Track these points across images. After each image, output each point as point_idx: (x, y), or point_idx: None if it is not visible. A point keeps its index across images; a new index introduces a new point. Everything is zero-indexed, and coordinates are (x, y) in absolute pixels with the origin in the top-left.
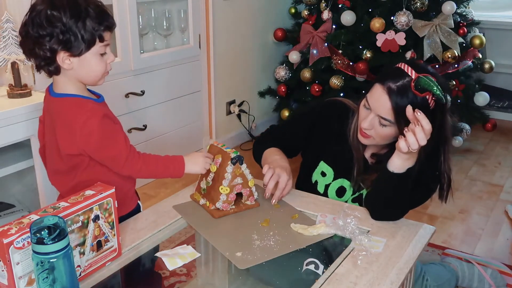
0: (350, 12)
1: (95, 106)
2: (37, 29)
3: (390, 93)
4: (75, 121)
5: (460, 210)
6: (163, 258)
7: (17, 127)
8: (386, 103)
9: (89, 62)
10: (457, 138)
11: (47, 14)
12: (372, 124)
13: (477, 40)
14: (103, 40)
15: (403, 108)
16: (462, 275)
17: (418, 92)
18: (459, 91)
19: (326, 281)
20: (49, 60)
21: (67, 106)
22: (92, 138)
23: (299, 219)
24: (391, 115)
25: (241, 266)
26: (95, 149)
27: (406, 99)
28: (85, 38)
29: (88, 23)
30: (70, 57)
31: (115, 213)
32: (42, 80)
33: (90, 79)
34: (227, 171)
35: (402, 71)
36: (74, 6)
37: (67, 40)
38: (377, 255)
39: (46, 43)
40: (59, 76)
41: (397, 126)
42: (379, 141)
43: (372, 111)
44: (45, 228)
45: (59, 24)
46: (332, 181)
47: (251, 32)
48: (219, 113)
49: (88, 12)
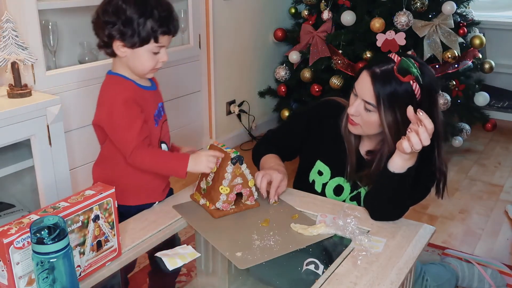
0: (350, 12)
1: (129, 88)
2: (105, 15)
3: (374, 77)
4: (105, 95)
5: (460, 210)
6: (163, 258)
7: (17, 127)
8: (370, 87)
9: (141, 56)
10: (457, 138)
11: (117, 5)
12: (358, 111)
13: (477, 40)
14: (157, 42)
15: (386, 93)
16: (462, 275)
17: (400, 75)
18: (459, 91)
19: (326, 281)
20: (107, 44)
21: (108, 82)
22: (113, 115)
23: (299, 219)
24: (374, 99)
25: (241, 266)
26: (111, 126)
27: (389, 85)
28: (141, 35)
29: (148, 23)
30: (124, 47)
31: (115, 213)
32: (42, 80)
33: (138, 70)
34: (227, 171)
35: (389, 58)
36: (142, 4)
37: (124, 32)
38: (377, 255)
39: (107, 29)
40: (116, 58)
41: (383, 112)
42: (365, 129)
43: (358, 96)
44: (45, 228)
45: (123, 16)
46: (329, 179)
47: (251, 32)
48: (219, 113)
49: (153, 13)
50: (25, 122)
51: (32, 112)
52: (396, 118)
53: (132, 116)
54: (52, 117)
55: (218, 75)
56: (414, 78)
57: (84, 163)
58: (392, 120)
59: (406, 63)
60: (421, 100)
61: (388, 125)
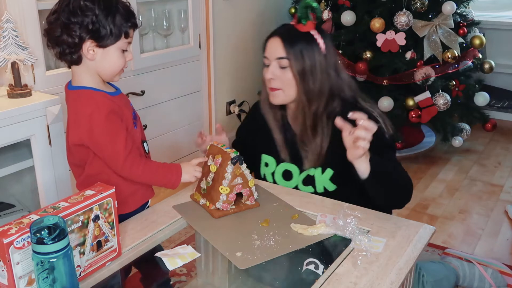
0: (350, 12)
1: (104, 100)
2: (68, 16)
3: (279, 34)
4: (82, 113)
5: (460, 210)
6: (163, 258)
7: (17, 127)
8: (279, 43)
9: (111, 55)
10: (457, 138)
11: (80, 4)
12: (274, 72)
13: (477, 40)
14: (128, 37)
15: (293, 42)
16: (463, 275)
17: (300, 23)
18: (459, 91)
19: (326, 281)
20: (75, 48)
21: (77, 97)
22: (94, 132)
23: (299, 219)
24: (284, 51)
25: (241, 266)
26: (95, 144)
27: (295, 36)
28: (113, 31)
29: (117, 18)
30: (95, 48)
31: (115, 213)
32: (42, 80)
33: (108, 73)
34: (227, 171)
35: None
36: (106, 1)
37: (96, 30)
38: (377, 255)
39: (76, 30)
40: (78, 67)
41: (293, 62)
42: (286, 91)
43: (271, 60)
44: (45, 228)
45: (90, 14)
46: (275, 168)
47: (251, 32)
48: (219, 113)
49: (118, 9)
50: (25, 122)
51: (32, 112)
52: (304, 66)
53: (113, 129)
54: (52, 117)
55: (218, 75)
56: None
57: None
58: (301, 69)
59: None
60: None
61: (299, 74)
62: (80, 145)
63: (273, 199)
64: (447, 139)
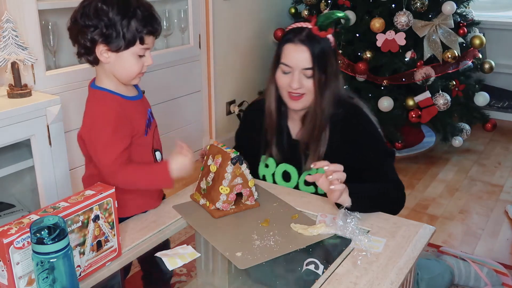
0: (350, 12)
1: (114, 105)
2: (84, 19)
3: (304, 43)
4: (89, 111)
5: (460, 210)
6: (163, 258)
7: (17, 127)
8: (305, 53)
9: (125, 60)
10: (457, 138)
11: (97, 7)
12: (300, 82)
13: (477, 40)
14: (143, 43)
15: (318, 52)
16: (459, 273)
17: (322, 31)
18: (459, 91)
19: (326, 281)
20: (88, 50)
21: (92, 97)
22: (92, 132)
23: (299, 219)
24: (311, 62)
25: (241, 266)
26: (89, 143)
27: (318, 44)
28: (126, 36)
29: (132, 23)
30: (108, 52)
31: (115, 213)
32: (42, 80)
33: (124, 76)
34: (227, 171)
35: (299, 26)
36: (124, 4)
37: (108, 35)
38: (377, 255)
39: (89, 33)
40: (97, 68)
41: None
42: (309, 97)
43: (295, 69)
44: (45, 228)
45: (105, 18)
46: (275, 169)
47: (251, 32)
48: (219, 113)
49: (136, 13)
50: (25, 122)
51: (32, 112)
52: (326, 74)
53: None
54: (52, 117)
55: (218, 75)
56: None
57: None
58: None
59: (323, 16)
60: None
61: (319, 84)
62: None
63: (273, 199)
64: (447, 139)
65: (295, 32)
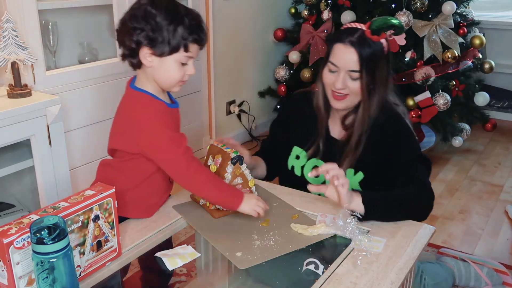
0: (350, 12)
1: (163, 109)
2: (133, 21)
3: (354, 45)
4: (139, 119)
5: (460, 210)
6: (163, 258)
7: (17, 127)
8: (353, 55)
9: (168, 66)
10: (457, 138)
11: (146, 10)
12: (344, 83)
13: (477, 40)
14: (187, 51)
15: (367, 56)
16: (459, 274)
17: (375, 35)
18: (459, 91)
19: (326, 281)
20: (133, 52)
21: (136, 101)
22: (154, 136)
23: (299, 219)
24: (358, 65)
25: (241, 266)
26: (154, 150)
27: (368, 47)
28: (171, 42)
29: (179, 30)
30: (152, 56)
31: (115, 213)
32: (42, 80)
33: (164, 82)
34: (227, 171)
35: (353, 27)
36: (172, 11)
37: (153, 38)
38: (377, 255)
39: (135, 36)
40: (140, 71)
41: (364, 75)
42: (353, 99)
43: (341, 69)
44: (45, 228)
45: (152, 21)
46: (306, 162)
47: (251, 32)
48: (219, 113)
49: (183, 20)
50: (25, 122)
51: (32, 112)
52: (374, 79)
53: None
54: (52, 117)
55: (218, 75)
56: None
57: (84, 163)
58: (370, 82)
59: (378, 21)
60: (387, 54)
61: (367, 87)
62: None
63: (273, 199)
64: (447, 139)
65: (347, 33)
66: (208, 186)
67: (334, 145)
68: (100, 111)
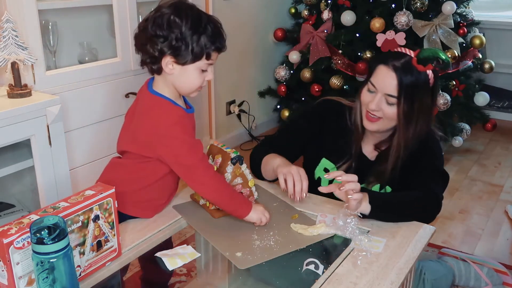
0: (350, 12)
1: (182, 114)
2: (155, 29)
3: (396, 70)
4: (160, 125)
5: (460, 210)
6: (163, 258)
7: (17, 127)
8: (393, 80)
9: (189, 73)
10: (457, 138)
11: (170, 19)
12: (379, 105)
13: (477, 40)
14: (209, 59)
15: (408, 84)
16: (459, 274)
17: (421, 64)
18: (459, 91)
19: (326, 281)
20: (155, 60)
21: (157, 106)
22: (175, 143)
23: (299, 219)
24: (397, 91)
25: (241, 266)
26: (174, 156)
27: (411, 75)
28: (194, 51)
29: (202, 39)
30: (174, 64)
31: (115, 213)
32: (42, 80)
33: (185, 89)
34: (227, 171)
35: (402, 52)
36: (196, 19)
37: (178, 47)
38: (377, 255)
39: (159, 44)
40: (159, 77)
41: (402, 103)
42: (385, 123)
43: (379, 91)
44: (45, 228)
45: (177, 30)
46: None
47: (251, 32)
48: (219, 113)
49: (206, 29)
50: (25, 122)
51: (32, 112)
52: (412, 108)
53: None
54: (52, 117)
55: (218, 75)
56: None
57: (84, 163)
58: (408, 111)
59: (428, 51)
60: (433, 86)
61: (404, 116)
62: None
63: (273, 199)
64: (447, 139)
65: (394, 56)
66: (221, 194)
67: (366, 164)
68: (100, 111)
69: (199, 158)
